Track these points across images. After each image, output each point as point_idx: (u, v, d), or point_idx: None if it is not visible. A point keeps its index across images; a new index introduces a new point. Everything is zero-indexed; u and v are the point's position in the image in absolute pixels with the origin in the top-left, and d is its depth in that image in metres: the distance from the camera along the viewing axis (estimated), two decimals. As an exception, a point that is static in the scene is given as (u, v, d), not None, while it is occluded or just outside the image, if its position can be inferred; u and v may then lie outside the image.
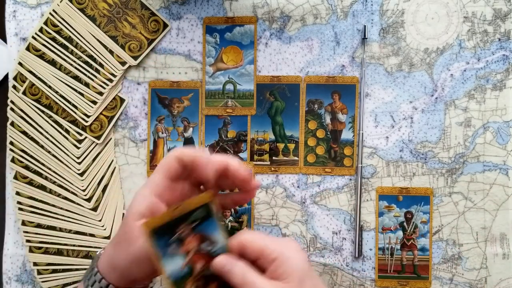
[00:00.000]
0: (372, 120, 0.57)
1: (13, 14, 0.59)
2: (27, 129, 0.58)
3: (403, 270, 0.56)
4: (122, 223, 0.42)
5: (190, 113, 0.59)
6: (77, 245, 0.58)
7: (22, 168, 0.58)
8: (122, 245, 0.40)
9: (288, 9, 0.58)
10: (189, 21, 0.58)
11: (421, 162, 0.57)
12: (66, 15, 0.58)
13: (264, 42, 0.58)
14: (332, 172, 0.57)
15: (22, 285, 0.59)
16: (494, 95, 0.56)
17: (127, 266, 0.40)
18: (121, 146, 0.59)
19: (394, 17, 0.57)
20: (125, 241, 0.40)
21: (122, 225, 0.41)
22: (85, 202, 0.58)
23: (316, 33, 0.57)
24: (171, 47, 0.58)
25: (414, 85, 0.57)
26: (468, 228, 0.57)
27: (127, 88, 0.59)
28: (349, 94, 0.57)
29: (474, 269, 0.56)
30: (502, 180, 0.56)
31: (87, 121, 0.58)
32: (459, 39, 0.57)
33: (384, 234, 0.57)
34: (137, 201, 0.41)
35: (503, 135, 0.57)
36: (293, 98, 0.58)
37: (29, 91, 0.58)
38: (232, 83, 0.58)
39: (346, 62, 0.57)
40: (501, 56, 0.56)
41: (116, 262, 0.41)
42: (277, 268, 0.39)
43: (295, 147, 0.58)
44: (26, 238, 0.58)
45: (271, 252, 0.39)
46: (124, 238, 0.40)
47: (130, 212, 0.40)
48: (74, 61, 0.58)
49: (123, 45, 0.58)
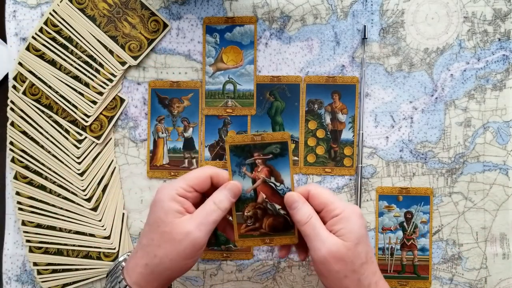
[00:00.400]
0: (372, 120, 0.57)
1: (13, 14, 0.59)
2: (27, 129, 0.58)
3: (403, 270, 0.56)
4: (155, 227, 0.42)
5: (190, 113, 0.59)
6: (77, 245, 0.58)
7: (22, 168, 0.58)
8: (166, 247, 0.41)
9: (288, 9, 0.58)
10: (189, 21, 0.58)
11: (421, 162, 0.57)
12: (66, 15, 0.58)
13: (264, 42, 0.58)
14: (332, 172, 0.57)
15: (22, 285, 0.59)
16: (494, 95, 0.56)
17: (174, 266, 0.41)
18: (121, 146, 0.59)
19: (394, 17, 0.57)
20: (170, 241, 0.41)
21: (157, 229, 0.42)
22: (85, 202, 0.58)
23: (316, 33, 0.57)
24: (171, 47, 0.58)
25: (414, 85, 0.57)
26: (468, 228, 0.57)
27: (127, 88, 0.59)
28: (349, 94, 0.57)
29: (474, 269, 0.56)
30: (502, 180, 0.56)
31: (87, 121, 0.58)
32: (459, 39, 0.57)
33: (384, 234, 0.57)
34: (166, 203, 0.42)
35: (503, 135, 0.57)
36: (293, 98, 0.58)
37: (29, 91, 0.58)
38: (232, 83, 0.58)
39: (346, 62, 0.57)
40: (501, 56, 0.56)
41: (160, 268, 0.41)
42: (337, 224, 0.42)
43: (295, 147, 0.58)
44: (26, 238, 0.58)
45: (335, 208, 0.42)
46: (168, 239, 0.41)
47: (164, 212, 0.41)
48: (74, 61, 0.58)
49: (123, 45, 0.58)
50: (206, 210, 0.42)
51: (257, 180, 0.45)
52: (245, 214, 0.46)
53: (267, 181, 0.45)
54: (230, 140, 0.44)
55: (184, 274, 0.44)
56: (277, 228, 0.46)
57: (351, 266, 0.41)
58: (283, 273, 0.58)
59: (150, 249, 0.42)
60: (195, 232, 0.41)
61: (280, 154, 0.45)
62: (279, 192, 0.45)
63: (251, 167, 0.45)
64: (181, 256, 0.41)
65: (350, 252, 0.40)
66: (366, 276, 0.41)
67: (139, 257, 0.42)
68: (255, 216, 0.46)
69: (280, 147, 0.45)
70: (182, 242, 0.41)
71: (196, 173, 0.44)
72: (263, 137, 0.45)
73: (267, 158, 0.45)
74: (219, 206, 0.43)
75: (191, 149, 0.59)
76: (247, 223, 0.46)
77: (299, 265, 0.58)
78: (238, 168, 0.45)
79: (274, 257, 0.58)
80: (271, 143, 0.45)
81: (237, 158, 0.45)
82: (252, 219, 0.46)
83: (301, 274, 0.58)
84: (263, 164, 0.45)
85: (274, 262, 0.58)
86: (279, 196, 0.45)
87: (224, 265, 0.58)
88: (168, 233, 0.41)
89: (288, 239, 0.46)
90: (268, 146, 0.45)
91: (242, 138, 0.45)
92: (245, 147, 0.45)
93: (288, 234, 0.46)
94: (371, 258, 0.42)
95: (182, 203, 0.42)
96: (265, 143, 0.45)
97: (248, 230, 0.46)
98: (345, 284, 0.41)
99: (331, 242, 0.41)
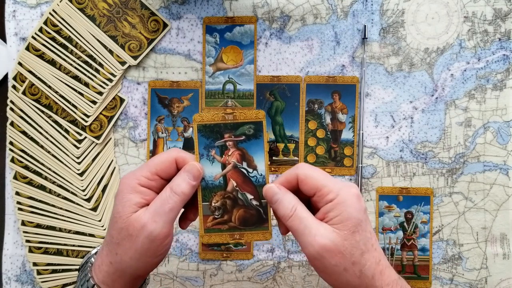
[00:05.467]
0: (372, 120, 0.57)
1: (13, 14, 0.58)
2: (26, 129, 0.58)
3: (403, 270, 0.56)
4: (113, 223, 0.38)
5: (190, 113, 0.59)
6: (77, 245, 0.58)
7: (21, 168, 0.58)
8: (124, 244, 0.37)
9: (288, 9, 0.57)
10: (189, 21, 0.58)
11: (421, 162, 0.57)
12: (66, 15, 0.58)
13: (264, 42, 0.58)
14: (332, 172, 0.57)
15: (21, 285, 0.59)
16: (494, 95, 0.56)
17: (136, 264, 0.38)
18: (121, 146, 0.59)
19: (394, 17, 0.57)
20: (127, 237, 0.37)
21: (114, 225, 0.38)
22: (85, 202, 0.58)
23: (316, 33, 0.57)
24: (171, 47, 0.58)
25: (414, 85, 0.57)
26: (469, 228, 0.56)
27: (127, 88, 0.59)
28: (349, 94, 0.57)
29: (474, 269, 0.56)
30: (503, 180, 0.56)
31: (86, 121, 0.58)
32: (459, 39, 0.57)
33: (384, 234, 0.57)
34: (126, 195, 0.38)
35: (503, 135, 0.57)
36: (293, 98, 0.58)
37: (29, 91, 0.58)
38: (232, 83, 0.58)
39: (346, 62, 0.57)
40: (501, 56, 0.56)
41: (122, 266, 0.38)
42: (332, 210, 0.36)
43: (295, 147, 0.58)
44: (26, 238, 0.58)
45: (328, 191, 0.37)
46: (125, 235, 0.37)
47: (122, 206, 0.38)
48: (74, 61, 0.58)
49: (123, 45, 0.58)
50: (161, 197, 0.38)
51: (227, 165, 0.40)
52: (212, 205, 0.40)
53: (239, 166, 0.40)
54: (198, 118, 0.39)
55: (184, 274, 0.42)
56: (248, 222, 0.40)
57: (349, 257, 0.36)
58: (283, 273, 0.58)
59: (111, 247, 0.38)
60: (150, 225, 0.36)
61: (253, 136, 0.39)
62: (252, 179, 0.40)
63: (220, 150, 0.39)
64: (140, 253, 0.37)
65: (347, 242, 0.36)
66: (368, 267, 0.36)
67: (105, 254, 0.39)
68: (224, 207, 0.40)
69: (254, 127, 0.39)
70: (138, 237, 0.37)
71: (160, 158, 0.39)
72: (235, 116, 0.39)
73: (239, 140, 0.39)
74: (175, 191, 0.38)
75: (191, 149, 0.58)
76: (214, 215, 0.40)
77: (299, 265, 0.58)
78: (207, 151, 0.39)
79: (274, 257, 0.58)
80: (244, 123, 0.39)
81: (205, 139, 0.39)
82: (220, 210, 0.40)
83: (301, 274, 0.58)
84: (234, 147, 0.39)
85: (274, 262, 0.58)
86: (252, 185, 0.40)
87: (224, 265, 0.58)
88: (125, 229, 0.37)
89: (260, 235, 0.40)
90: (240, 126, 0.39)
91: (211, 117, 0.39)
92: (215, 127, 0.39)
93: (261, 229, 0.40)
94: (373, 246, 0.37)
95: (143, 194, 0.38)
96: (237, 122, 0.39)
97: (215, 223, 0.40)
98: (345, 278, 0.36)
99: (323, 235, 0.36)
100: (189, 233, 0.58)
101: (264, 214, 0.40)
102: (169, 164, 0.39)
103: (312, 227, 0.36)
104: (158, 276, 0.58)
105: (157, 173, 0.38)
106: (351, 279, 0.36)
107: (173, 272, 0.58)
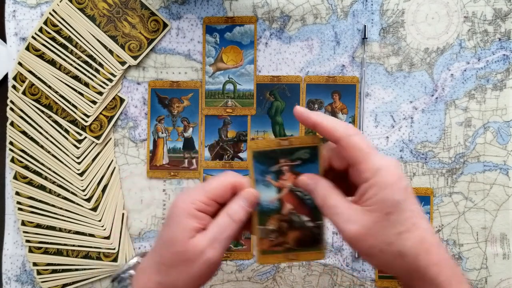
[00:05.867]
0: (372, 120, 0.57)
1: (13, 14, 0.58)
2: (26, 129, 0.58)
3: (403, 270, 0.56)
4: (167, 245, 0.38)
5: (190, 113, 0.59)
6: (77, 245, 0.58)
7: (21, 168, 0.58)
8: (180, 268, 0.37)
9: (288, 9, 0.57)
10: (189, 21, 0.58)
11: (421, 162, 0.57)
12: (66, 15, 0.58)
13: (264, 42, 0.58)
14: (332, 172, 0.57)
15: (21, 285, 0.59)
16: (494, 95, 0.56)
17: (190, 287, 0.38)
18: (121, 146, 0.59)
19: (394, 17, 0.57)
20: (184, 262, 0.37)
21: (170, 248, 0.38)
22: (85, 202, 0.58)
23: (316, 33, 0.57)
24: (171, 47, 0.58)
25: (414, 85, 0.57)
26: (469, 228, 0.56)
27: (126, 88, 0.59)
28: (349, 94, 0.57)
29: (475, 269, 0.56)
30: (503, 180, 0.56)
31: (86, 121, 0.58)
32: (459, 39, 0.57)
33: (384, 234, 0.57)
34: (183, 220, 0.38)
35: (503, 135, 0.57)
36: (293, 98, 0.58)
37: (29, 91, 0.58)
38: (232, 83, 0.58)
39: (346, 62, 0.57)
40: (502, 56, 0.56)
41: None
42: (368, 191, 0.36)
43: (295, 147, 0.58)
44: (26, 238, 0.58)
45: (366, 169, 0.36)
46: (182, 260, 0.37)
47: (180, 230, 0.38)
48: (74, 61, 0.58)
49: (123, 45, 0.58)
50: (219, 224, 0.38)
51: (283, 189, 0.40)
52: (268, 228, 0.41)
53: (294, 190, 0.40)
54: (253, 146, 0.40)
55: None
56: (303, 243, 0.41)
57: (383, 239, 0.35)
58: (283, 273, 0.58)
59: (163, 268, 0.38)
60: (208, 251, 0.37)
61: (309, 160, 0.40)
62: (307, 202, 0.40)
63: (276, 175, 0.40)
64: (195, 277, 0.38)
65: (379, 224, 0.35)
66: (410, 247, 0.35)
67: (152, 273, 0.39)
68: (280, 229, 0.41)
69: (309, 152, 0.40)
70: (196, 262, 0.37)
71: (216, 184, 0.39)
72: (291, 142, 0.40)
73: (294, 164, 0.40)
74: (233, 218, 0.38)
75: (191, 149, 0.58)
76: (270, 237, 0.41)
77: (299, 265, 0.58)
78: (262, 177, 0.40)
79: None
80: (300, 148, 0.40)
81: (260, 165, 0.40)
82: (276, 233, 0.41)
83: (301, 274, 0.58)
84: (290, 172, 0.40)
85: (274, 262, 0.58)
86: (307, 207, 0.40)
87: (224, 265, 0.58)
88: (182, 253, 0.37)
89: (315, 255, 0.41)
90: (296, 151, 0.40)
91: (267, 143, 0.40)
92: (270, 153, 0.40)
93: (316, 249, 0.41)
94: (415, 225, 0.35)
95: (200, 219, 0.38)
96: (293, 147, 0.40)
97: (271, 245, 0.41)
98: (384, 259, 0.35)
99: (353, 221, 0.35)
100: (189, 233, 0.58)
101: (319, 235, 0.41)
102: (226, 190, 0.39)
103: (343, 214, 0.36)
104: (158, 276, 0.58)
105: (213, 199, 0.39)
106: (391, 260, 0.35)
107: (173, 272, 0.58)
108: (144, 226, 0.58)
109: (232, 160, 0.58)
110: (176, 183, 0.58)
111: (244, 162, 0.58)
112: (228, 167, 0.58)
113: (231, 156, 0.58)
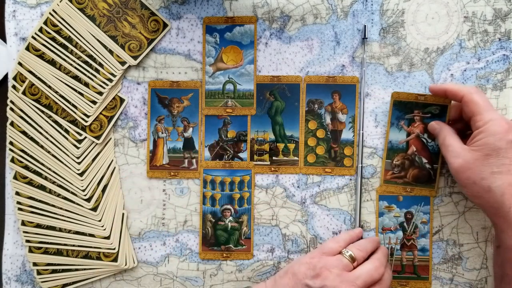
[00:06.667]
0: (372, 120, 0.57)
1: (13, 14, 0.58)
2: (26, 129, 0.58)
3: (403, 271, 0.56)
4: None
5: (190, 113, 0.59)
6: (77, 245, 0.58)
7: (21, 168, 0.58)
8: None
9: (288, 9, 0.57)
10: (189, 21, 0.58)
11: (421, 162, 0.57)
12: (66, 15, 0.58)
13: (264, 42, 0.58)
14: (332, 172, 0.57)
15: (21, 285, 0.59)
16: (494, 95, 0.56)
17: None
18: (121, 146, 0.59)
19: (394, 17, 0.57)
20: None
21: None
22: (85, 202, 0.58)
23: (316, 33, 0.57)
24: (171, 47, 0.58)
25: (414, 85, 0.57)
26: (469, 228, 0.56)
27: (126, 88, 0.59)
28: (349, 94, 0.57)
29: (475, 269, 0.56)
30: (503, 180, 0.56)
31: (86, 121, 0.58)
32: (459, 39, 0.57)
33: (384, 234, 0.57)
34: None
35: (503, 135, 0.56)
36: (293, 98, 0.58)
37: (29, 91, 0.58)
38: (232, 83, 0.58)
39: (346, 62, 0.57)
40: (502, 56, 0.56)
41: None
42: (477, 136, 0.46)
43: (295, 147, 0.58)
44: (26, 238, 0.58)
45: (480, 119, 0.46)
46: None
47: None
48: (74, 61, 0.58)
49: (123, 45, 0.58)
50: None
51: (412, 134, 0.53)
52: (393, 163, 0.53)
53: (420, 136, 0.53)
54: (395, 95, 0.53)
55: (184, 274, 0.43)
56: (420, 179, 0.53)
57: (478, 173, 0.44)
58: (283, 273, 0.58)
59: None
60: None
61: (438, 115, 0.52)
62: (429, 147, 0.52)
63: (408, 122, 0.53)
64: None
65: (478, 161, 0.44)
66: (499, 186, 0.44)
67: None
68: (402, 165, 0.53)
69: (440, 108, 0.52)
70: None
71: None
72: (426, 98, 0.52)
73: (425, 116, 0.52)
74: None
75: (191, 149, 0.58)
76: (393, 170, 0.53)
77: (299, 265, 0.58)
78: (397, 121, 0.53)
79: (274, 257, 0.58)
80: (432, 104, 0.52)
81: (398, 112, 0.53)
82: (399, 168, 0.53)
83: (301, 274, 0.57)
84: (420, 121, 0.52)
85: (274, 262, 0.58)
86: (428, 151, 0.52)
87: (224, 265, 0.58)
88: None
89: (427, 191, 0.54)
90: (429, 106, 0.52)
91: (407, 96, 0.53)
92: (408, 103, 0.53)
93: (429, 187, 0.54)
94: (510, 171, 0.44)
95: None
96: (426, 103, 0.52)
97: (393, 177, 0.53)
98: (476, 190, 0.45)
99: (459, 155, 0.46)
100: (189, 233, 0.58)
101: (433, 175, 0.53)
102: None
103: (454, 151, 0.47)
104: (158, 276, 0.58)
105: None
106: (480, 192, 0.45)
107: (173, 272, 0.58)
108: (144, 226, 0.58)
109: (232, 160, 0.58)
110: (176, 183, 0.58)
111: (244, 162, 0.58)
112: (228, 167, 0.58)
113: (231, 156, 0.58)
